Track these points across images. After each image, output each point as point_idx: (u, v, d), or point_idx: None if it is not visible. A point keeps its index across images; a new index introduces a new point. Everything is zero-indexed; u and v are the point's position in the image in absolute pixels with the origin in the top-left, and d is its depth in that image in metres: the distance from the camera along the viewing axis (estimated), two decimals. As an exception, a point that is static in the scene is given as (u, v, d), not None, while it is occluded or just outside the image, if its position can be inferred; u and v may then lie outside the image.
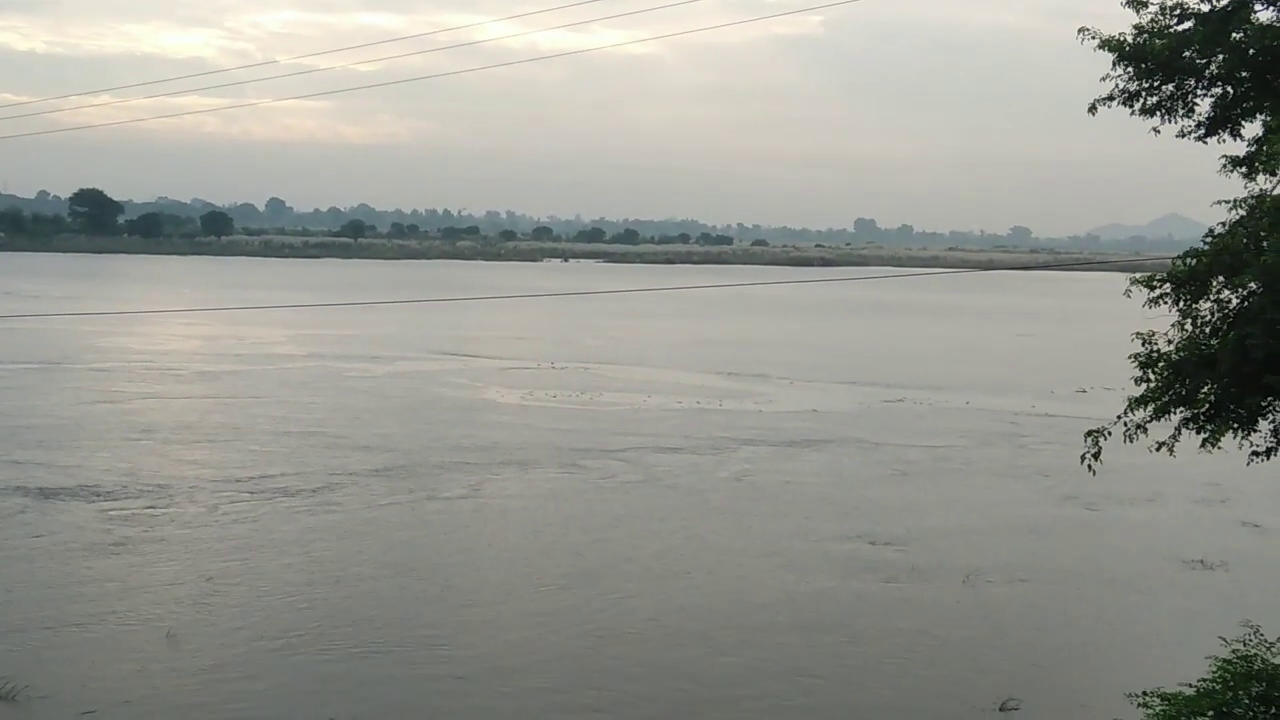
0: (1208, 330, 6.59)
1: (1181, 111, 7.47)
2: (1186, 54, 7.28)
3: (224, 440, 19.84)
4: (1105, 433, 6.62)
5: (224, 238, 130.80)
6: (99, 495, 15.56)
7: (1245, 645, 7.04)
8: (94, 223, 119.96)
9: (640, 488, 16.78)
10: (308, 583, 12.00)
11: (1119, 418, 6.56)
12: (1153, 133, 7.64)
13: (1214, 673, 6.70)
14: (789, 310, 56.91)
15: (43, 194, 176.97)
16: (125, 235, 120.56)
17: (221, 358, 31.44)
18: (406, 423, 21.99)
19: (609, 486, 16.90)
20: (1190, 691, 6.63)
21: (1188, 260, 6.77)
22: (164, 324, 38.00)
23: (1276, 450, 6.79)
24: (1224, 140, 7.45)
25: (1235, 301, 6.48)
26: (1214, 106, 7.39)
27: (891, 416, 24.46)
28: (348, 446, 19.53)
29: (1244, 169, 7.15)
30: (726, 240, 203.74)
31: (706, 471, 18.06)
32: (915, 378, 30.83)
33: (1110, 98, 7.52)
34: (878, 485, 17.44)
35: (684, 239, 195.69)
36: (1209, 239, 6.82)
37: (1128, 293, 6.62)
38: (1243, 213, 6.66)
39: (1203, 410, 6.51)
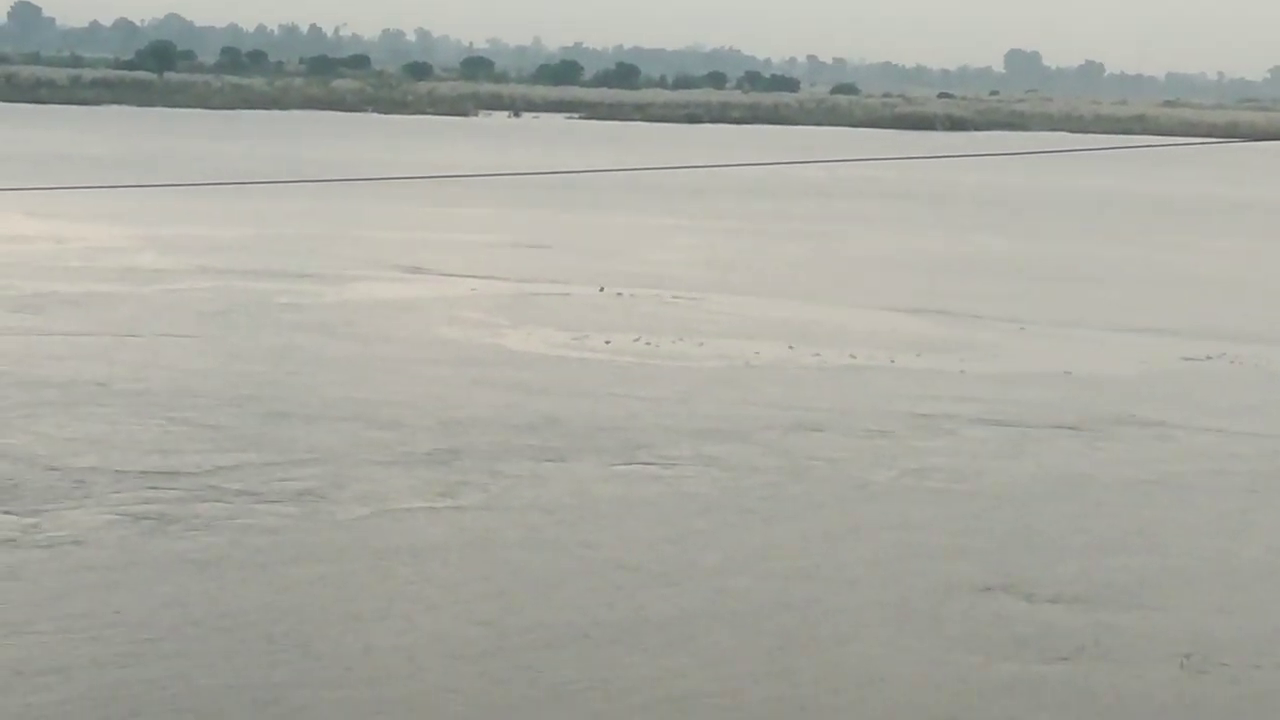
0: None
1: None
2: None
3: (142, 405, 19.67)
4: None
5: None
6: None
7: None
8: None
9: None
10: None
11: None
12: None
13: None
14: (946, 202, 56.38)
15: None
16: None
17: (61, 272, 31.30)
18: (405, 382, 21.87)
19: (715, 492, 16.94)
20: None
21: None
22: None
23: None
24: None
25: None
26: None
27: (1196, 384, 24.01)
28: (324, 416, 19.27)
29: None
30: (789, 83, 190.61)
31: (866, 464, 17.99)
32: (1229, 321, 30.16)
33: None
34: (1125, 499, 17.05)
35: (717, 80, 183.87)
36: None
37: None
38: None
39: None
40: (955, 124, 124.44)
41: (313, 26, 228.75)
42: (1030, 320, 29.12)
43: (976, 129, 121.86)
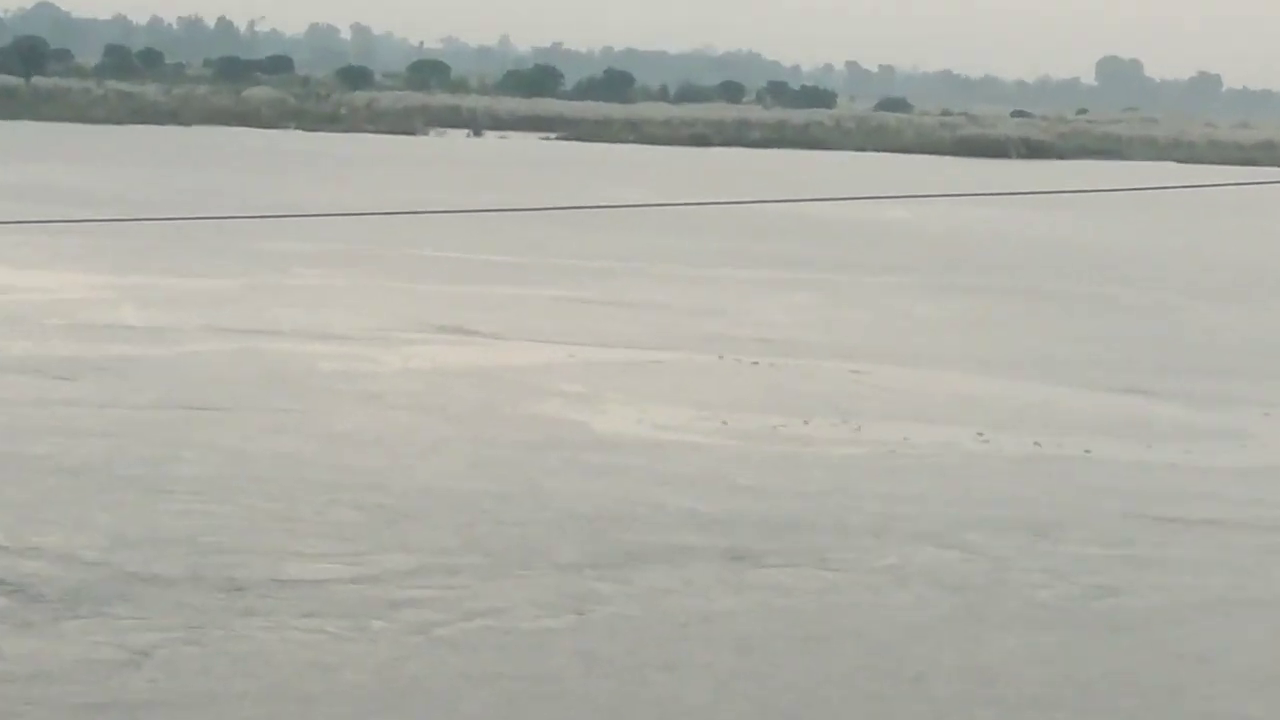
0: None
1: None
2: None
3: (204, 495, 20.81)
4: None
5: None
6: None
7: None
8: None
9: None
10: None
11: None
12: None
13: None
14: (1072, 250, 56.46)
15: None
16: None
17: (42, 329, 32.17)
18: (514, 471, 22.87)
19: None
20: None
21: None
22: None
23: None
24: None
25: None
26: None
27: None
28: (419, 509, 20.38)
29: None
30: (823, 97, 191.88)
31: (1037, 580, 18.72)
32: None
33: None
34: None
35: (732, 92, 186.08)
36: None
37: None
38: None
39: None
40: (1033, 150, 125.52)
41: (221, 20, 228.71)
42: (1266, 403, 29.62)
43: (1060, 157, 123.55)
